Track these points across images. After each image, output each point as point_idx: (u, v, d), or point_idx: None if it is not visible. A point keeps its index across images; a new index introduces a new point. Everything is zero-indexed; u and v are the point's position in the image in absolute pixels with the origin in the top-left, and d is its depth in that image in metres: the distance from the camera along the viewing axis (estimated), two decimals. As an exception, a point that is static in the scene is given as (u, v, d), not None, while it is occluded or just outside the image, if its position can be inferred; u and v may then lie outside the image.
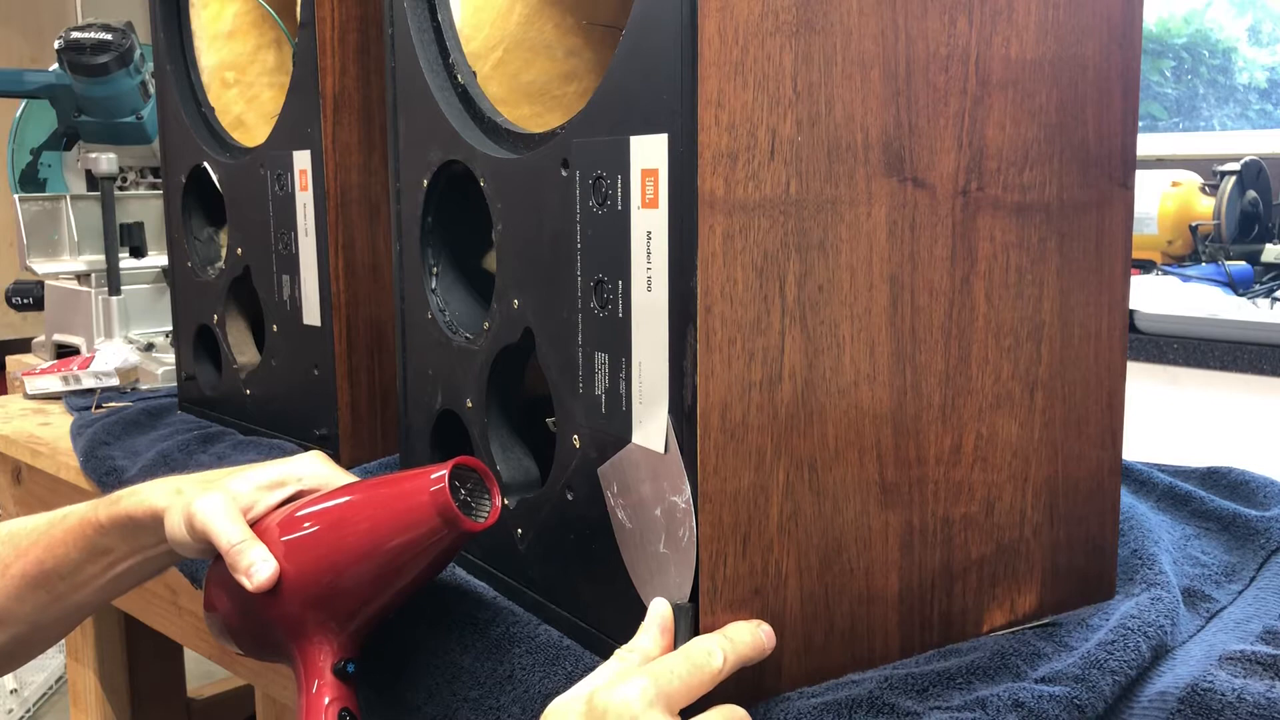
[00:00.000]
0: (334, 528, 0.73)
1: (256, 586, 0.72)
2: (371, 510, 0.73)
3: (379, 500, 0.73)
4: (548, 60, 0.90)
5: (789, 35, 0.60)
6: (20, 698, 2.51)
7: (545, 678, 0.69)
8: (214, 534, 0.73)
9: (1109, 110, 0.73)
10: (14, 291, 1.92)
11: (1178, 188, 2.22)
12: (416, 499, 0.70)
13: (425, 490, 0.70)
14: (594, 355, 0.68)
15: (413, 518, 0.70)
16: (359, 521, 0.72)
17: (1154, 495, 0.98)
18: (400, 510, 0.71)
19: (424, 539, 0.70)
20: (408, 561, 0.71)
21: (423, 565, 0.72)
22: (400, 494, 0.72)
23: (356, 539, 0.72)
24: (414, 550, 0.71)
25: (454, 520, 0.69)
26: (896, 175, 0.65)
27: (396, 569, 0.72)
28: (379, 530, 0.71)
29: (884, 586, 0.68)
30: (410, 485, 0.71)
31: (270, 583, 0.72)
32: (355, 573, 0.72)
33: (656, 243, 0.62)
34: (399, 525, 0.71)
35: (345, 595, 0.73)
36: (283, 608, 0.73)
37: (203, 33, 1.31)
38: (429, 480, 0.70)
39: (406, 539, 0.71)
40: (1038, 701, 0.62)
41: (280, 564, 0.72)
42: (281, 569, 0.72)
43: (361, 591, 0.72)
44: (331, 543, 0.73)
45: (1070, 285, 0.73)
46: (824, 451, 0.65)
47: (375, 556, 0.71)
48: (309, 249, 1.11)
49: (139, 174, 1.97)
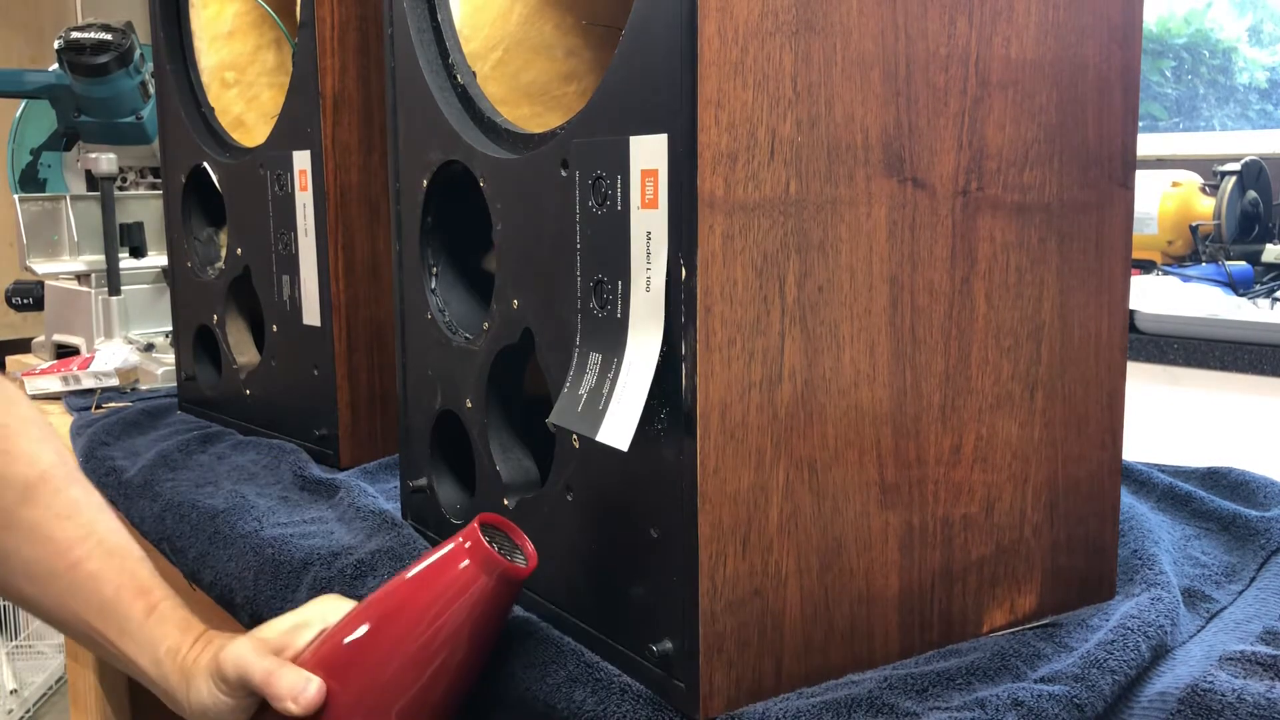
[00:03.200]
0: (377, 627, 0.68)
1: (306, 705, 0.66)
2: (411, 592, 0.67)
3: (415, 582, 0.68)
4: (547, 60, 0.90)
5: (789, 35, 0.60)
6: (20, 698, 2.51)
7: (545, 677, 0.69)
8: (249, 668, 0.69)
9: (1109, 110, 0.73)
10: (14, 291, 1.92)
11: (1178, 188, 2.22)
12: (453, 561, 0.66)
13: (461, 550, 0.67)
14: (589, 355, 0.68)
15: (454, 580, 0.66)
16: (401, 610, 0.67)
17: (1154, 495, 0.98)
18: (440, 578, 0.66)
19: (472, 598, 0.66)
20: (461, 630, 0.66)
21: (478, 630, 0.67)
22: (435, 565, 0.67)
23: (404, 626, 0.66)
24: (464, 615, 0.66)
25: (496, 566, 0.66)
26: (896, 175, 0.65)
27: (451, 644, 0.66)
28: (425, 608, 0.66)
29: (884, 587, 0.68)
30: (442, 553, 0.67)
31: (318, 699, 0.66)
32: (408, 664, 0.66)
33: (656, 243, 0.62)
34: (445, 593, 0.66)
35: (400, 689, 0.66)
36: None
37: (203, 33, 1.31)
38: (461, 540, 0.67)
39: (454, 605, 0.66)
40: (1037, 700, 0.62)
41: (328, 683, 0.67)
42: (330, 688, 0.67)
43: (417, 680, 0.66)
44: (377, 642, 0.67)
45: (1070, 285, 0.73)
46: (824, 452, 0.65)
47: (426, 637, 0.66)
48: (309, 249, 1.11)
49: (139, 174, 1.97)
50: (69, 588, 0.77)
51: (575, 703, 0.65)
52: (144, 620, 0.76)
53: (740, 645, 0.63)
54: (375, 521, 0.93)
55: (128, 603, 0.76)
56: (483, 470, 0.82)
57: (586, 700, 0.65)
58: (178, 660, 0.75)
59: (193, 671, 0.73)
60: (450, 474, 0.90)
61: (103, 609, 0.77)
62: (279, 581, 0.87)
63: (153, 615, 0.76)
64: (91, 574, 0.77)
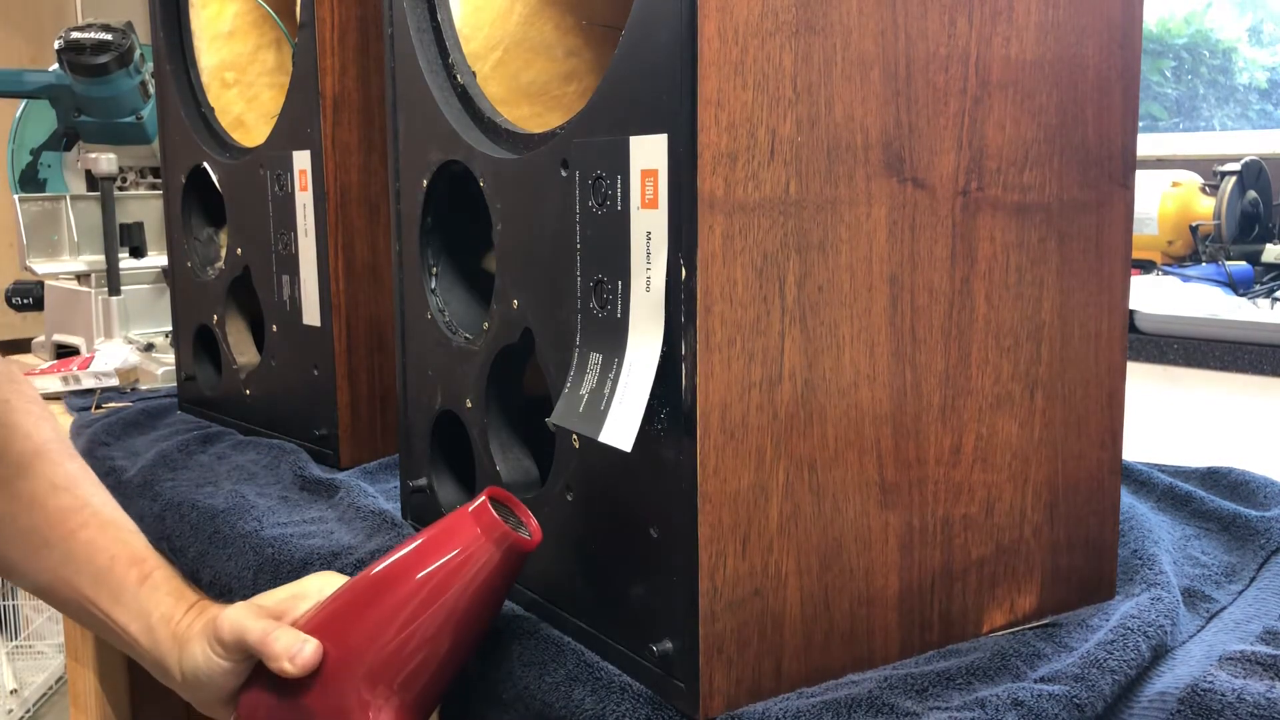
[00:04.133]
0: (378, 592, 0.67)
1: (302, 666, 0.66)
2: (415, 558, 0.67)
3: (421, 550, 0.67)
4: (547, 60, 0.90)
5: (789, 35, 0.60)
6: (20, 698, 2.51)
7: (545, 676, 0.69)
8: (245, 629, 0.68)
9: (1109, 110, 0.73)
10: (14, 291, 1.92)
11: (1178, 188, 2.22)
12: (461, 528, 0.66)
13: (469, 519, 0.66)
14: (589, 355, 0.68)
15: (461, 546, 0.66)
16: (404, 577, 0.67)
17: (1154, 495, 0.98)
18: (447, 545, 0.66)
19: (477, 568, 0.66)
20: (464, 600, 0.66)
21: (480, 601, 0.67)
22: (442, 531, 0.67)
23: (406, 593, 0.66)
24: (468, 586, 0.66)
25: (505, 538, 0.65)
26: (896, 175, 0.65)
27: (452, 614, 0.66)
28: (429, 576, 0.66)
29: (884, 587, 0.68)
30: (450, 521, 0.67)
31: (314, 659, 0.66)
32: (405, 626, 0.66)
33: (656, 243, 0.62)
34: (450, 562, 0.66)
35: (398, 656, 0.66)
36: (337, 693, 0.66)
37: (203, 33, 1.31)
38: (470, 510, 0.67)
39: (460, 575, 0.66)
40: (1037, 700, 0.62)
41: (325, 646, 0.66)
42: (327, 651, 0.66)
43: (417, 646, 0.66)
44: (378, 607, 0.67)
45: (1070, 285, 0.73)
46: (824, 452, 0.65)
47: (428, 605, 0.66)
48: (309, 249, 1.11)
49: (139, 174, 1.97)
50: (63, 557, 0.78)
51: (575, 702, 0.65)
52: (137, 588, 0.76)
53: (740, 645, 0.63)
54: (375, 521, 0.93)
55: (121, 571, 0.77)
56: (483, 470, 0.82)
57: (586, 700, 0.65)
58: (171, 627, 0.75)
59: (186, 637, 0.73)
60: (450, 474, 0.90)
61: (96, 577, 0.77)
62: (279, 581, 0.87)
63: (146, 583, 0.77)
64: (86, 543, 0.78)
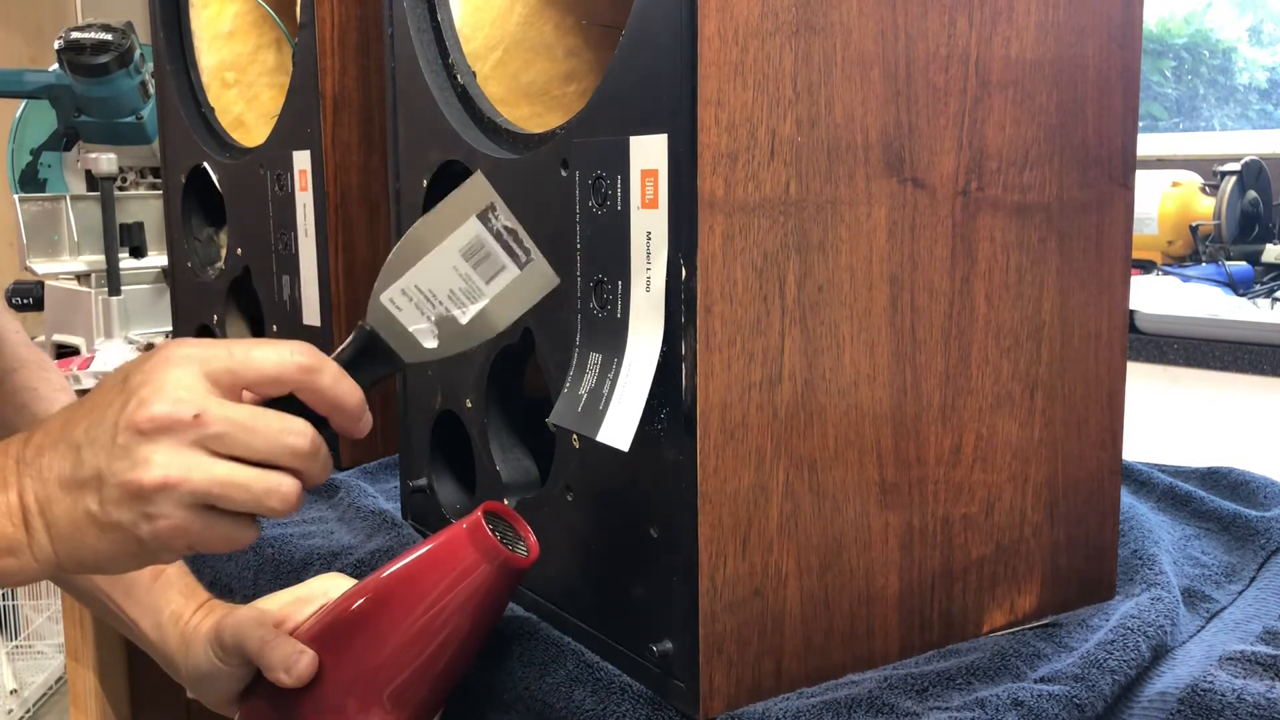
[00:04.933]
0: (375, 606, 0.68)
1: (297, 677, 0.66)
2: (410, 574, 0.67)
3: (416, 565, 0.67)
4: (547, 60, 0.90)
5: (789, 35, 0.60)
6: (20, 698, 2.51)
7: (545, 677, 0.69)
8: (245, 637, 0.69)
9: (1109, 110, 0.73)
10: (14, 291, 1.92)
11: (1178, 188, 2.22)
12: (456, 545, 0.66)
13: (463, 536, 0.66)
14: (589, 355, 0.68)
15: (455, 564, 0.66)
16: (400, 591, 0.67)
17: (1154, 495, 0.98)
18: (441, 562, 0.66)
19: (471, 585, 0.66)
20: (459, 616, 0.66)
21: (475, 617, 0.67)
22: (437, 548, 0.67)
23: (402, 608, 0.66)
24: (463, 602, 0.66)
25: (497, 555, 0.66)
26: (896, 175, 0.65)
27: (447, 629, 0.66)
28: (425, 591, 0.66)
29: (884, 587, 0.68)
30: (445, 537, 0.67)
31: (309, 671, 0.66)
32: (402, 645, 0.66)
33: (656, 243, 0.62)
34: (445, 578, 0.66)
35: (393, 670, 0.66)
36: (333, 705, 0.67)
37: (203, 33, 1.31)
38: (464, 527, 0.67)
39: (453, 591, 0.66)
40: (1037, 700, 0.62)
41: (322, 657, 0.67)
42: (323, 662, 0.67)
43: (411, 662, 0.66)
44: (374, 621, 0.67)
45: (1070, 285, 0.73)
46: (824, 452, 0.65)
47: (423, 620, 0.66)
48: (309, 249, 1.11)
49: (139, 174, 1.97)
50: None
51: (575, 702, 0.65)
52: (150, 585, 0.77)
53: (740, 645, 0.63)
54: (375, 521, 0.93)
55: None
56: (483, 470, 0.82)
57: (586, 700, 0.65)
58: (179, 625, 0.75)
59: (192, 638, 0.73)
60: (450, 474, 0.90)
61: None
62: (279, 581, 0.87)
63: (159, 580, 0.78)
64: None
